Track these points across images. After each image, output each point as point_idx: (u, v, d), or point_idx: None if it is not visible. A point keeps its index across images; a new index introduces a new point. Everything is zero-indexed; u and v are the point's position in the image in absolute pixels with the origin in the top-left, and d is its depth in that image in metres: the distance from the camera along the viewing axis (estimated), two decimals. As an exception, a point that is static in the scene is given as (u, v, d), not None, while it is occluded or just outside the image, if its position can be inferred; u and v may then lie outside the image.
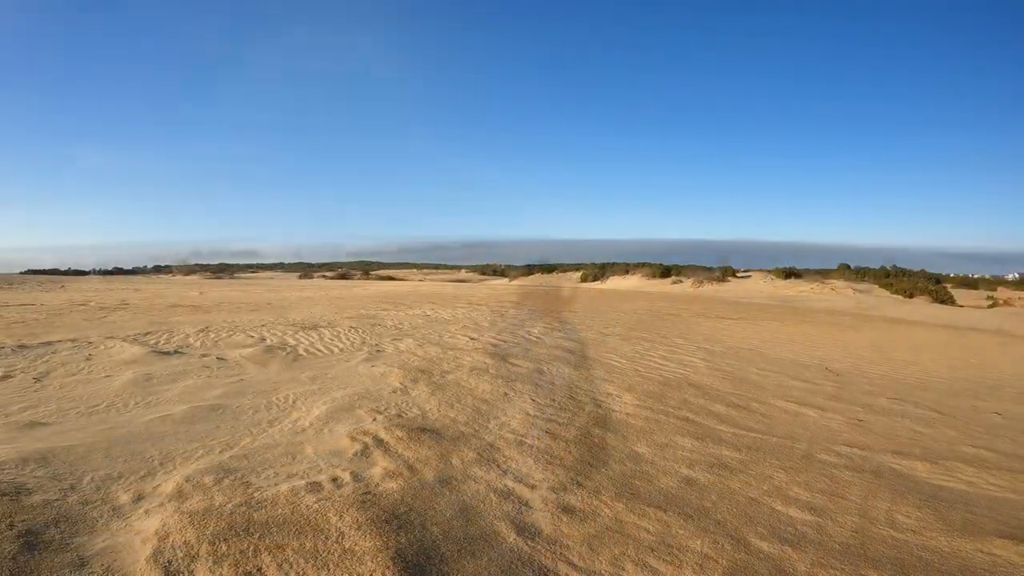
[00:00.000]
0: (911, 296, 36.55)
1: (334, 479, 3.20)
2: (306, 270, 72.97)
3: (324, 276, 62.68)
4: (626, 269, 56.06)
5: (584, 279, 57.29)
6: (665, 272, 50.86)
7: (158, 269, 69.70)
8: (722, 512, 2.97)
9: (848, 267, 46.04)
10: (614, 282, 53.17)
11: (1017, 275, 51.43)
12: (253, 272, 73.03)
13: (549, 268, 66.79)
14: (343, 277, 61.96)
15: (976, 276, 50.80)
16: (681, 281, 47.63)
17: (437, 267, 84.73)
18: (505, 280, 66.78)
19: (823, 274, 44.96)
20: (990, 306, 33.95)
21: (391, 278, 63.07)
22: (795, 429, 4.59)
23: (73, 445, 3.63)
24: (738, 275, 47.74)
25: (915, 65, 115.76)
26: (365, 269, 74.64)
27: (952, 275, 49.27)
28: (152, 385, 5.47)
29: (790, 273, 44.97)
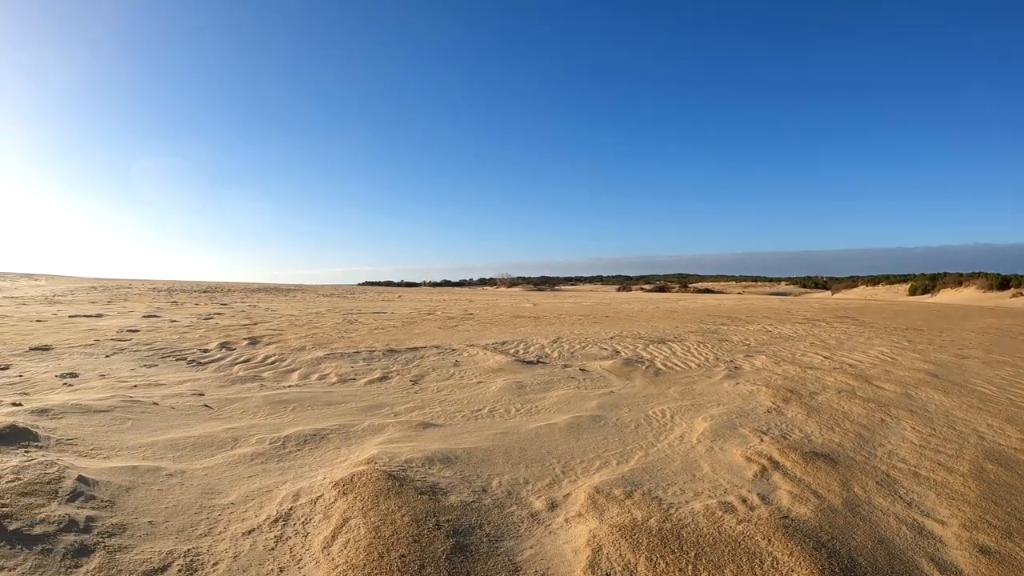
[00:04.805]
0: None
1: (743, 500, 3.17)
2: (624, 283, 75.10)
3: (642, 288, 64.09)
4: (959, 280, 52.14)
5: (913, 291, 54.23)
6: (1003, 283, 45.74)
7: (483, 281, 76.91)
8: None
9: None
10: (946, 294, 49.62)
11: None
12: (572, 284, 77.01)
13: (873, 280, 64.03)
14: (661, 290, 62.91)
15: None
16: (1022, 294, 42.33)
17: (755, 279, 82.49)
18: (827, 293, 63.83)
19: None
20: None
21: (709, 291, 62.82)
22: None
23: (471, 448, 3.98)
24: (1096, 284, 40.20)
25: None
26: (682, 281, 74.70)
27: None
28: (525, 393, 5.95)
29: None
